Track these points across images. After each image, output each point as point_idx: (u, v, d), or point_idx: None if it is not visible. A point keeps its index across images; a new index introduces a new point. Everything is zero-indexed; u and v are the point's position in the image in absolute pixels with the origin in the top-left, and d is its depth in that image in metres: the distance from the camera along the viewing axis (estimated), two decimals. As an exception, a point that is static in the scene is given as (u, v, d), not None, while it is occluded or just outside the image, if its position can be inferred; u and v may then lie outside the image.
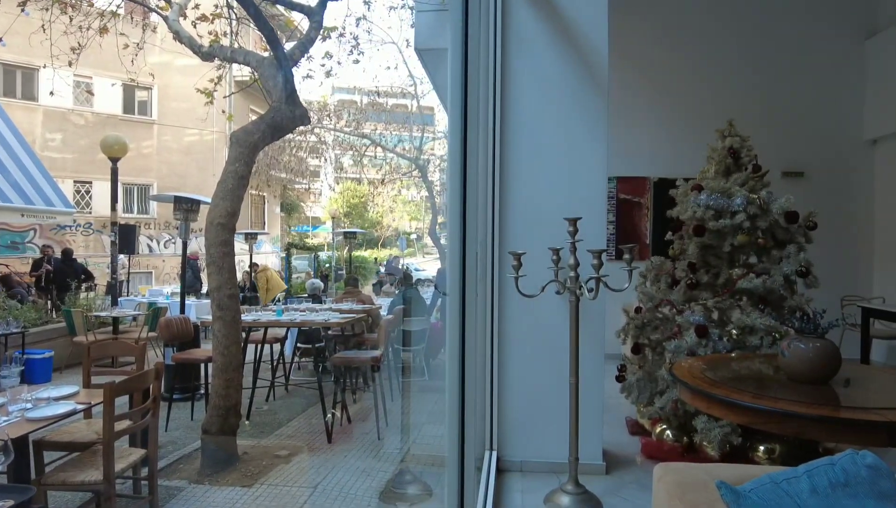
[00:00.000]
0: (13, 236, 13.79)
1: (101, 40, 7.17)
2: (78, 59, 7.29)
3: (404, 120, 17.86)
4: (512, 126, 3.70)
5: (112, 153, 8.74)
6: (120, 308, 8.58)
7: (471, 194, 2.17)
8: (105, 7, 7.45)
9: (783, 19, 6.78)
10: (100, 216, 15.30)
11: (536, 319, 3.63)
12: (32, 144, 11.15)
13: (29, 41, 7.31)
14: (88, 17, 7.25)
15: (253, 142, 4.54)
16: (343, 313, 5.98)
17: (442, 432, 5.11)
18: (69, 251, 10.54)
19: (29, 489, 2.04)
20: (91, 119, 16.02)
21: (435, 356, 7.72)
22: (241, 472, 4.19)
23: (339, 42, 9.12)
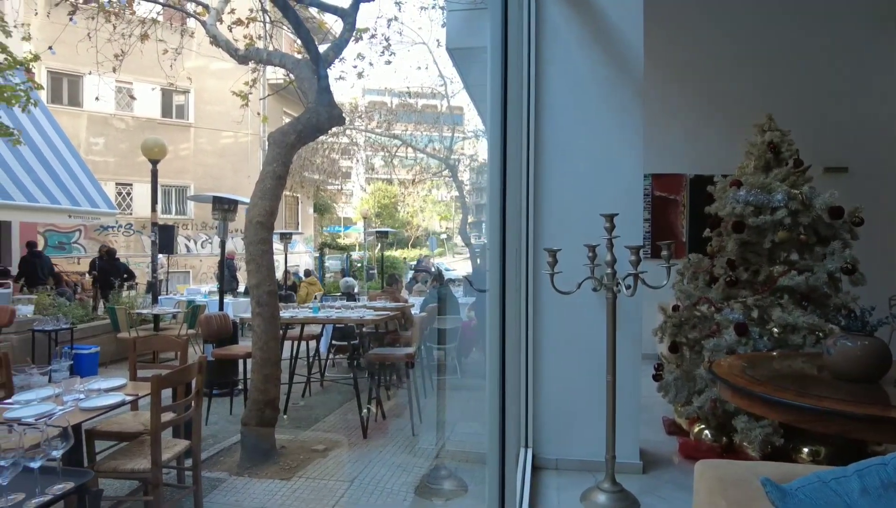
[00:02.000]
0: (60, 236, 14.35)
1: (142, 47, 7.42)
2: (120, 66, 7.55)
3: (434, 120, 17.92)
4: (546, 123, 3.70)
5: (152, 155, 9.01)
6: (160, 306, 8.84)
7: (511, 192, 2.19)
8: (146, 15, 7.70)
9: (824, 9, 6.58)
10: (140, 217, 15.79)
11: (572, 316, 3.62)
12: (78, 148, 11.58)
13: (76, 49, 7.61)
14: (130, 25, 7.50)
15: (290, 143, 4.63)
16: (377, 310, 6.04)
17: (475, 429, 5.14)
18: (113, 251, 10.91)
19: (87, 472, 2.13)
20: (131, 123, 16.54)
21: (467, 354, 7.74)
22: (280, 465, 4.28)
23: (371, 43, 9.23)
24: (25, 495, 1.89)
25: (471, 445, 4.77)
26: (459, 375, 7.16)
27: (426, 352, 6.72)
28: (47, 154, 10.02)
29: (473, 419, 5.41)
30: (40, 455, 1.91)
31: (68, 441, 2.03)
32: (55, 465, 2.06)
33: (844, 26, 6.62)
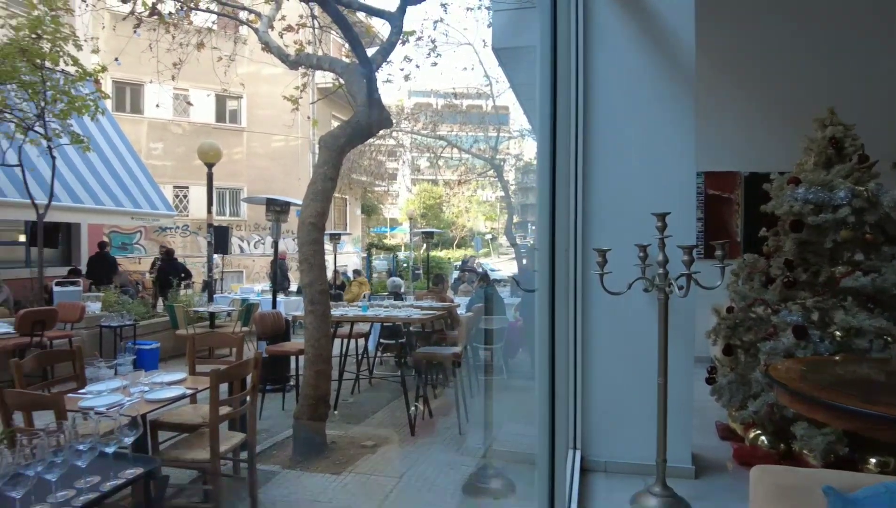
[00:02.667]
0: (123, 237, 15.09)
1: (198, 55, 7.74)
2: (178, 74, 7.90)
3: (480, 120, 17.93)
4: (595, 122, 3.66)
5: (208, 159, 9.37)
6: (216, 304, 9.17)
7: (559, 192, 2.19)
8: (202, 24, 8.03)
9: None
10: (196, 218, 16.44)
11: (622, 317, 3.57)
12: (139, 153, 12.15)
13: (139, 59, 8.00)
14: (188, 35, 7.84)
15: (340, 145, 4.74)
16: (423, 310, 6.11)
17: (522, 430, 5.12)
18: (171, 251, 11.40)
19: (154, 460, 2.26)
20: (188, 128, 17.24)
21: (513, 354, 7.71)
22: (330, 460, 4.39)
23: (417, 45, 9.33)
24: (101, 478, 2.02)
25: (518, 445, 4.76)
26: (506, 375, 7.15)
27: (472, 352, 6.74)
28: (112, 159, 10.57)
29: (520, 420, 5.39)
30: (114, 442, 2.03)
31: (137, 430, 2.16)
32: (126, 452, 2.19)
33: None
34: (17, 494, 1.71)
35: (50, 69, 7.25)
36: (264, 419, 5.47)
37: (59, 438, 1.92)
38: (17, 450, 1.78)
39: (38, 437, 1.84)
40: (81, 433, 2.01)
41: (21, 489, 1.71)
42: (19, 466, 1.73)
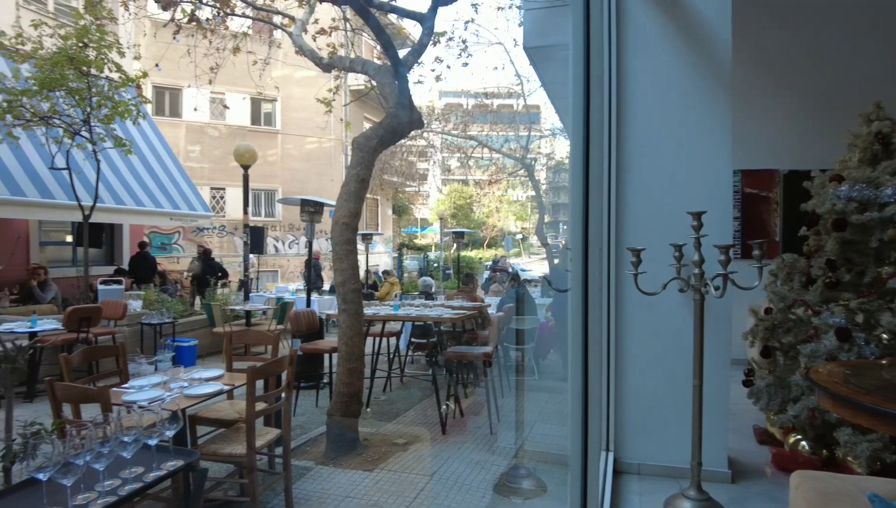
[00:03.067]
0: (163, 237, 15.56)
1: (234, 59, 7.92)
2: (215, 78, 8.09)
3: (510, 120, 17.87)
4: (628, 119, 3.62)
5: (243, 161, 9.57)
6: (251, 303, 9.37)
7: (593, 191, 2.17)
8: (238, 29, 8.21)
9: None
10: (232, 219, 16.81)
11: (656, 318, 3.52)
12: (177, 156, 12.48)
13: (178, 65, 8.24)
14: (224, 39, 8.02)
15: (372, 147, 4.79)
16: (454, 309, 6.13)
17: (554, 431, 5.10)
18: (209, 251, 11.68)
19: (193, 453, 2.33)
20: (224, 131, 17.64)
21: (545, 355, 7.67)
22: (363, 457, 4.44)
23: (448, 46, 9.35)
24: (144, 468, 2.10)
25: (550, 446, 4.74)
26: (537, 376, 7.12)
27: (503, 352, 6.73)
28: (152, 162, 10.90)
29: (552, 421, 5.37)
30: (156, 434, 2.11)
31: (178, 424, 2.23)
32: (167, 444, 2.26)
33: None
34: (68, 482, 1.79)
35: (95, 76, 7.51)
36: (298, 416, 5.57)
37: (105, 430, 2.00)
38: (67, 440, 1.86)
39: (86, 428, 1.92)
40: (126, 426, 2.09)
41: (71, 477, 1.79)
42: (69, 455, 1.81)
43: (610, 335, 3.63)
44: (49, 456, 1.83)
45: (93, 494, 1.90)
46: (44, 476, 1.76)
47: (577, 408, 2.37)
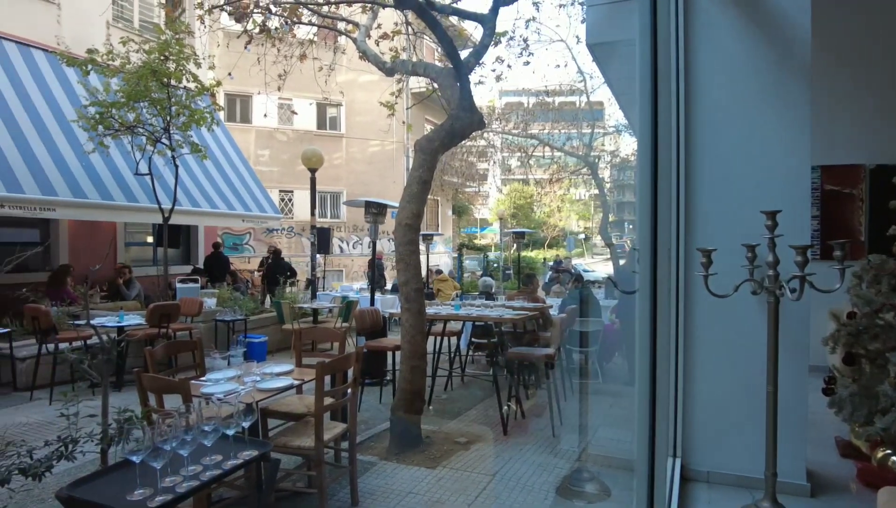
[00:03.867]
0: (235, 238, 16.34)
1: (301, 66, 8.21)
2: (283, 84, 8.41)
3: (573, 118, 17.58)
4: (697, 116, 3.50)
5: (311, 164, 9.91)
6: (318, 301, 9.69)
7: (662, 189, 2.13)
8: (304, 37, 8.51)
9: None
10: (300, 220, 17.43)
11: (727, 320, 3.39)
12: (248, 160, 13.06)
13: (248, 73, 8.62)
14: (291, 47, 8.33)
15: (434, 149, 4.86)
16: (515, 310, 6.11)
17: (618, 435, 4.99)
18: (279, 251, 12.17)
19: (267, 444, 2.45)
20: (291, 136, 18.31)
21: (609, 358, 7.52)
22: (425, 454, 4.51)
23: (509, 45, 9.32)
24: (222, 457, 2.23)
25: (614, 450, 4.65)
26: (601, 379, 6.99)
27: (566, 354, 6.65)
28: (225, 166, 11.45)
29: (617, 425, 5.26)
30: (234, 425, 2.23)
31: (253, 416, 2.36)
32: (243, 435, 2.39)
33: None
34: (158, 465, 1.94)
35: (174, 86, 7.99)
36: (362, 412, 5.71)
37: (188, 419, 2.15)
38: (155, 427, 2.01)
39: (172, 417, 2.06)
40: (206, 416, 2.23)
41: (160, 460, 1.94)
42: (158, 441, 1.95)
43: (678, 337, 3.53)
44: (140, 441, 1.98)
45: (178, 478, 2.04)
46: (137, 459, 1.91)
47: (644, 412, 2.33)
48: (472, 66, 5.40)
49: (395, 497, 3.80)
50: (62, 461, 2.32)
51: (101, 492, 2.00)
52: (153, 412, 2.71)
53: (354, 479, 3.71)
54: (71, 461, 2.34)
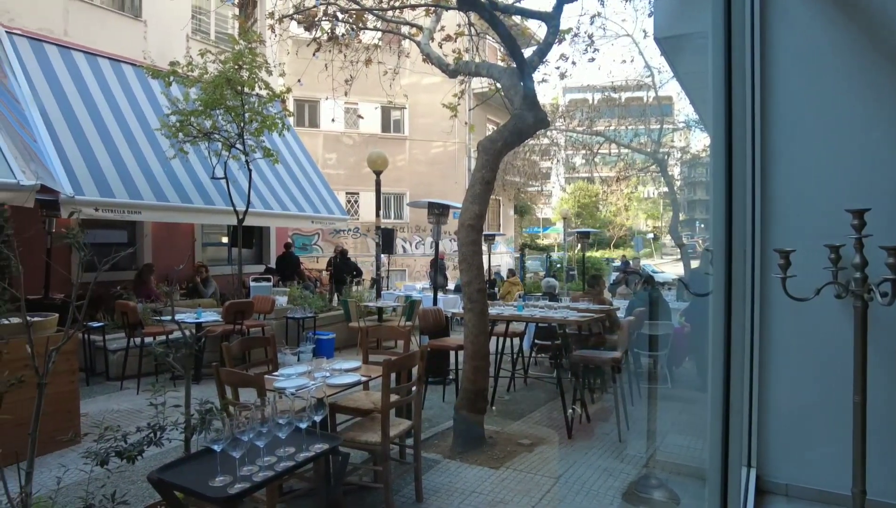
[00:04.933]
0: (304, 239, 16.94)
1: (366, 71, 8.40)
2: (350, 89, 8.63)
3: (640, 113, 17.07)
4: (774, 109, 3.33)
5: (376, 167, 10.13)
6: (383, 300, 9.89)
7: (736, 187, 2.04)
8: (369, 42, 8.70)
9: None
10: (365, 221, 17.84)
11: (807, 325, 3.20)
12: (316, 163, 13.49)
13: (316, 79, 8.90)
14: (357, 53, 8.53)
15: (497, 149, 4.86)
16: (580, 311, 6.01)
17: (688, 442, 4.82)
18: (345, 251, 12.51)
19: (337, 438, 2.54)
20: (357, 139, 18.77)
21: (678, 363, 7.26)
22: (488, 454, 4.52)
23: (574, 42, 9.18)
24: (295, 449, 2.33)
25: (684, 458, 4.50)
26: (670, 385, 6.76)
27: (633, 358, 6.48)
28: (295, 169, 11.88)
29: (686, 432, 5.08)
30: (306, 419, 2.33)
31: (324, 410, 2.45)
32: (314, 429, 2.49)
33: None
34: (237, 454, 2.05)
35: (247, 94, 8.37)
36: (426, 410, 5.77)
37: (264, 412, 2.26)
38: (234, 419, 2.13)
39: (249, 410, 2.18)
40: (280, 410, 2.34)
41: (239, 450, 2.05)
42: (237, 431, 2.07)
43: (753, 342, 3.37)
44: (219, 431, 2.11)
45: (255, 467, 2.15)
46: (218, 448, 2.03)
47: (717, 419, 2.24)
48: (535, 64, 5.35)
49: (459, 495, 3.83)
50: (151, 446, 2.49)
51: (186, 477, 2.13)
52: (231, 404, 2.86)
53: (419, 476, 3.77)
54: (159, 446, 2.51)
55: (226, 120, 8.41)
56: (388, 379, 3.37)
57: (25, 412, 2.38)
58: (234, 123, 8.40)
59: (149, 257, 10.07)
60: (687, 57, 5.35)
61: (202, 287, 9.92)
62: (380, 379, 3.46)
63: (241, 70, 8.22)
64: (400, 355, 3.93)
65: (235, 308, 7.12)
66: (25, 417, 2.17)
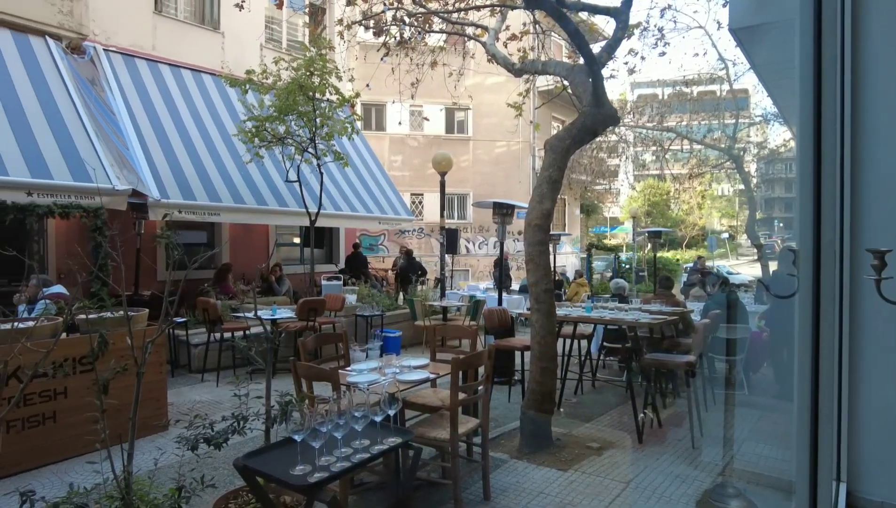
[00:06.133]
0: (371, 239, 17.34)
1: (431, 73, 8.49)
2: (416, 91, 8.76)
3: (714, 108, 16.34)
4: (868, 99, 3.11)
5: (440, 168, 10.23)
6: (447, 299, 9.97)
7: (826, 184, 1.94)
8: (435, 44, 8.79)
9: None
10: (429, 222, 18.04)
11: (906, 330, 2.98)
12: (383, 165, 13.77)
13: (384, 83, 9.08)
14: (423, 55, 8.64)
15: (565, 147, 4.80)
16: (652, 313, 5.84)
17: (767, 451, 4.60)
18: (411, 252, 12.71)
19: (410, 432, 2.60)
20: (422, 141, 19.00)
21: (757, 368, 6.92)
22: (556, 456, 4.48)
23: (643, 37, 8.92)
24: (370, 441, 2.40)
25: (764, 468, 4.29)
26: (747, 391, 6.46)
27: (708, 362, 6.23)
28: (363, 171, 12.19)
29: (766, 441, 4.84)
30: (381, 413, 2.40)
31: (397, 405, 2.51)
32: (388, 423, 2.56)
33: None
34: (316, 444, 2.14)
35: (318, 99, 8.65)
36: (492, 409, 5.75)
37: (340, 405, 2.34)
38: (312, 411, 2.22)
39: (327, 403, 2.27)
40: (356, 403, 2.42)
41: (318, 440, 2.14)
42: (316, 423, 2.16)
43: (842, 346, 3.17)
44: (298, 422, 2.20)
45: (332, 458, 2.24)
46: (299, 438, 2.13)
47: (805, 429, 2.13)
48: (604, 60, 5.25)
49: (527, 495, 3.82)
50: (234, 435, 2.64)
51: (269, 464, 2.25)
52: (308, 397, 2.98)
53: (487, 474, 3.79)
54: (241, 435, 2.65)
55: (298, 125, 8.72)
56: (456, 377, 3.40)
57: (122, 399, 2.61)
58: (306, 127, 8.71)
59: (226, 257, 10.61)
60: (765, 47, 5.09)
61: (276, 286, 10.35)
62: (447, 377, 3.51)
63: (312, 76, 8.50)
64: (468, 353, 3.96)
65: (309, 306, 7.38)
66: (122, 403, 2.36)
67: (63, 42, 8.42)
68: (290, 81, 8.37)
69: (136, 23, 9.56)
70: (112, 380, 2.22)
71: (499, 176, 19.18)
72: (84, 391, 4.28)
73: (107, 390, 2.21)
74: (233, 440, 2.71)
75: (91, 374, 2.75)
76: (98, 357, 2.17)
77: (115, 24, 9.21)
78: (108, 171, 7.18)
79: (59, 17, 8.32)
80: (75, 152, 7.14)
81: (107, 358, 2.44)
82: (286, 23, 12.26)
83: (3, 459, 3.86)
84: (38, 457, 4.20)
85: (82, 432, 3.11)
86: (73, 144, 7.22)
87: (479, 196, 17.91)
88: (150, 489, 2.44)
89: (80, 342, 4.24)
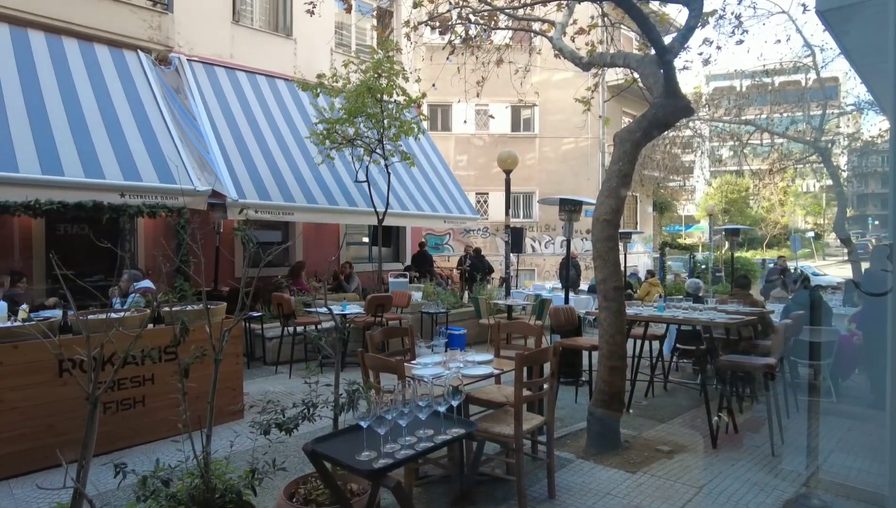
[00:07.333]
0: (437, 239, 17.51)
1: (497, 71, 8.45)
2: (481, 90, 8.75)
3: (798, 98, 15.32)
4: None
5: (506, 166, 10.18)
6: (512, 298, 9.92)
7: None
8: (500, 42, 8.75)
9: None
10: (494, 221, 18.00)
11: None
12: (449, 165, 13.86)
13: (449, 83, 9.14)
14: (488, 53, 8.62)
15: (635, 140, 4.66)
16: (729, 314, 5.57)
17: (858, 464, 4.29)
18: (478, 250, 12.75)
19: (473, 424, 2.61)
20: (487, 140, 18.99)
21: (846, 375, 6.47)
22: (624, 458, 4.35)
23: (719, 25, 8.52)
24: (433, 431, 2.43)
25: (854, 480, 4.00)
26: (834, 398, 6.04)
27: (790, 367, 5.87)
28: (429, 171, 12.33)
29: (856, 453, 4.51)
30: (444, 403, 2.42)
31: (461, 396, 2.53)
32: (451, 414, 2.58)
33: None
34: (382, 431, 2.19)
35: (386, 101, 8.83)
36: (557, 409, 5.66)
37: (405, 394, 2.39)
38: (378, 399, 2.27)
39: (391, 392, 2.32)
40: (420, 394, 2.45)
41: (384, 428, 2.19)
42: (381, 411, 2.21)
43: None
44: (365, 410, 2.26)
45: (396, 445, 2.28)
46: (365, 424, 2.19)
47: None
48: (676, 50, 5.05)
49: (593, 496, 3.74)
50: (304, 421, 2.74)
51: (336, 450, 2.32)
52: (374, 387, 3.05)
53: (552, 472, 3.74)
54: (311, 422, 2.75)
55: (367, 127, 8.94)
56: (521, 372, 3.38)
57: (202, 386, 2.80)
58: (374, 129, 8.91)
59: (300, 255, 11.02)
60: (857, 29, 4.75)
61: (345, 282, 10.64)
62: (511, 374, 3.49)
63: (380, 78, 8.69)
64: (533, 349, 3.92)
65: (377, 302, 7.55)
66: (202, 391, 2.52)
67: (152, 54, 9.04)
68: (359, 83, 8.58)
69: (216, 33, 10.10)
70: (192, 365, 2.36)
71: (566, 174, 18.88)
72: (169, 377, 4.59)
73: (187, 373, 2.35)
74: (303, 429, 2.81)
75: (175, 362, 2.97)
76: (180, 343, 2.32)
77: (197, 35, 9.78)
78: (191, 173, 7.64)
79: (149, 31, 8.93)
80: (161, 156, 7.65)
81: (187, 347, 2.61)
82: (355, 27, 12.59)
83: (100, 437, 4.19)
84: (129, 437, 4.53)
85: (168, 415, 3.34)
86: (160, 149, 7.74)
87: (545, 194, 17.69)
88: (226, 469, 2.57)
89: (165, 332, 4.53)
